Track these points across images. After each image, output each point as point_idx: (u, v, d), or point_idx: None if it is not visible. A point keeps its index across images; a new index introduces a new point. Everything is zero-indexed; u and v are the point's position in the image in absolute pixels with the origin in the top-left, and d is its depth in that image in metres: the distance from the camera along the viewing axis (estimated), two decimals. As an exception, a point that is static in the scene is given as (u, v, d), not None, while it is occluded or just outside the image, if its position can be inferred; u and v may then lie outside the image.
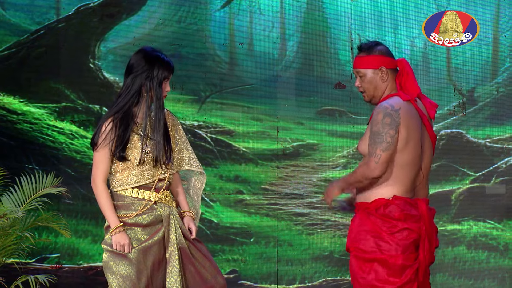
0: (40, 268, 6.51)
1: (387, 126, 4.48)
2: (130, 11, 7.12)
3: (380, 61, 4.60)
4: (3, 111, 6.53)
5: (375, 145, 4.48)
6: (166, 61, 4.40)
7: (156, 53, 4.41)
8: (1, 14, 6.49)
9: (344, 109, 8.03)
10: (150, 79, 4.36)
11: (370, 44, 4.63)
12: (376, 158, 4.47)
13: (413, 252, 4.53)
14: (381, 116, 4.49)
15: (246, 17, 7.68)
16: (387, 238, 4.49)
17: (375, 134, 4.49)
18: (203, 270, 4.40)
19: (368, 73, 4.59)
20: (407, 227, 4.50)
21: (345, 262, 7.94)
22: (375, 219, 4.51)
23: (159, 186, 4.41)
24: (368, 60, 4.59)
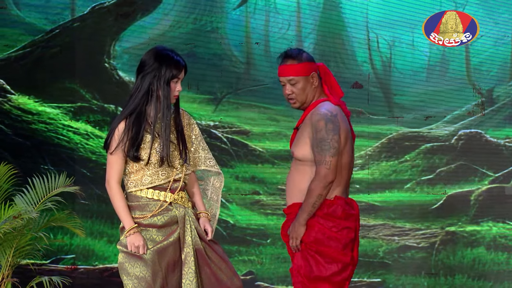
0: (55, 269, 6.51)
1: (331, 132, 4.63)
2: (145, 11, 7.12)
3: (311, 68, 4.75)
4: (18, 111, 6.53)
5: (323, 152, 4.63)
6: (175, 60, 4.37)
7: (166, 51, 4.39)
8: (16, 14, 6.50)
9: (362, 109, 8.00)
10: (158, 78, 4.33)
11: (297, 51, 4.78)
12: (327, 165, 4.62)
13: (349, 251, 4.73)
14: (323, 123, 4.64)
15: (262, 17, 7.66)
16: (332, 234, 4.67)
17: (321, 141, 4.63)
18: (219, 272, 4.38)
19: (301, 80, 4.72)
20: (347, 226, 4.71)
21: (362, 264, 7.91)
22: (319, 218, 4.67)
23: (175, 186, 4.39)
24: (300, 67, 4.71)
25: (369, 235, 7.96)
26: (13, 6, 6.46)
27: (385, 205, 8.04)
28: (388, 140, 8.10)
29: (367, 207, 7.98)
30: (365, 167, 8.02)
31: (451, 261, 8.12)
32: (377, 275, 7.98)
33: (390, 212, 8.05)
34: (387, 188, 8.07)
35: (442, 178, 8.17)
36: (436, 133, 8.20)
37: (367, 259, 7.92)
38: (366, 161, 8.05)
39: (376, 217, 8.01)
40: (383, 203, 8.04)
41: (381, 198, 8.03)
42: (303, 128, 4.75)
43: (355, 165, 7.87)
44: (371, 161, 8.05)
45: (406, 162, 8.14)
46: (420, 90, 8.15)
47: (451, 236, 8.13)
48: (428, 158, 8.14)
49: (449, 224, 8.16)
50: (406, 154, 8.15)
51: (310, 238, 4.67)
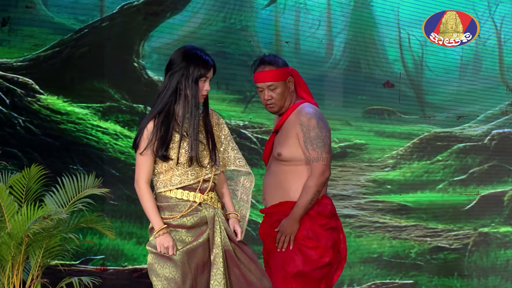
0: (84, 270, 6.52)
1: (324, 129, 4.79)
2: (175, 10, 7.11)
3: (287, 73, 4.88)
4: (47, 111, 6.54)
5: (319, 149, 4.76)
6: (203, 59, 4.35)
7: (194, 50, 4.37)
8: (44, 13, 6.51)
9: (393, 109, 8.01)
10: (186, 77, 4.32)
11: (273, 57, 4.91)
12: (324, 161, 4.76)
13: (335, 250, 4.86)
14: (315, 121, 4.78)
15: (292, 15, 7.65)
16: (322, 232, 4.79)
17: (316, 139, 4.77)
18: (248, 273, 4.36)
19: (280, 85, 4.85)
20: (334, 226, 4.86)
21: (394, 265, 7.90)
22: (310, 216, 4.79)
23: (204, 187, 4.37)
24: (278, 73, 4.83)
25: (401, 236, 7.96)
26: (42, 5, 6.48)
27: (417, 205, 8.03)
28: (420, 140, 8.10)
29: (399, 208, 7.99)
30: (397, 167, 8.01)
31: (484, 263, 8.10)
32: (409, 276, 7.97)
33: (422, 213, 8.05)
34: (419, 188, 8.06)
35: (475, 178, 8.16)
36: (469, 133, 8.18)
37: (399, 260, 7.93)
38: (398, 162, 8.04)
39: (408, 218, 8.01)
40: (415, 203, 8.04)
41: (413, 199, 8.03)
42: (287, 129, 4.86)
43: (386, 165, 8.01)
44: (403, 162, 8.04)
45: (438, 163, 8.14)
46: (452, 89, 8.16)
47: (484, 237, 8.13)
48: (461, 158, 8.14)
49: (482, 225, 8.15)
50: (438, 154, 8.15)
51: (302, 234, 4.76)
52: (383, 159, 8.00)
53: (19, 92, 6.42)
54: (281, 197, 4.83)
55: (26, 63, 6.46)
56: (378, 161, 7.98)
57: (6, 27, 6.35)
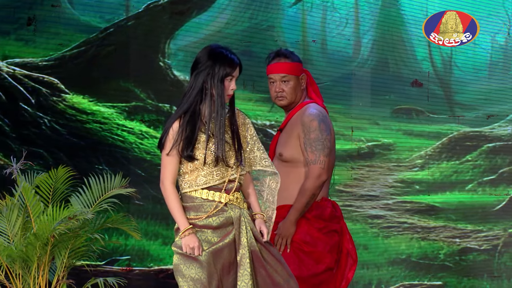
0: (110, 271, 6.53)
1: (324, 132, 4.77)
2: (200, 8, 7.11)
3: (301, 69, 4.91)
4: (72, 110, 6.55)
5: (317, 152, 4.75)
6: (229, 57, 4.33)
7: (220, 49, 4.35)
8: (70, 12, 6.52)
9: (421, 108, 7.99)
10: (211, 76, 4.30)
11: (289, 51, 4.93)
12: (321, 165, 4.74)
13: (334, 254, 4.83)
14: (317, 123, 4.77)
15: (319, 14, 7.63)
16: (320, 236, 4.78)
17: (315, 141, 4.76)
18: (275, 274, 4.32)
19: (293, 79, 4.87)
20: (334, 229, 4.83)
21: (423, 266, 7.88)
22: (308, 219, 4.79)
23: (230, 187, 4.35)
24: (293, 66, 4.86)
25: (429, 237, 7.95)
26: (67, 4, 6.49)
27: (445, 206, 8.01)
28: (449, 140, 8.09)
29: (427, 208, 7.97)
30: (425, 167, 8.00)
31: (515, 264, 8.03)
32: (438, 278, 7.96)
33: (451, 214, 8.03)
34: (448, 189, 8.04)
35: (505, 178, 8.13)
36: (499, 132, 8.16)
37: (427, 261, 7.92)
38: (426, 162, 8.03)
39: (436, 218, 7.99)
40: (443, 204, 8.02)
41: (441, 199, 8.02)
42: (290, 129, 4.86)
43: (414, 165, 8.01)
44: (431, 162, 8.03)
45: (467, 163, 8.13)
46: (481, 88, 8.15)
47: (514, 238, 8.08)
48: (490, 158, 8.12)
49: (512, 225, 8.08)
50: (467, 154, 8.13)
51: (299, 237, 4.76)
52: (411, 159, 8.00)
53: (44, 92, 6.43)
54: (280, 199, 4.77)
55: (51, 62, 6.47)
56: (406, 161, 7.99)
57: (31, 26, 6.37)
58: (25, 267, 5.43)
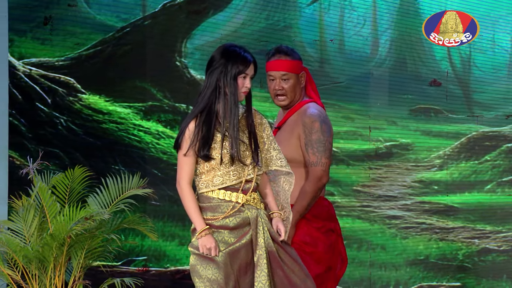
0: (126, 271, 6.53)
1: (326, 133, 4.76)
2: (217, 8, 7.10)
3: (302, 67, 4.85)
4: (88, 110, 6.55)
5: (319, 154, 4.73)
6: (242, 55, 4.32)
7: (233, 48, 4.34)
8: (86, 11, 6.52)
9: (440, 108, 7.97)
10: (224, 74, 4.29)
11: (290, 49, 4.87)
12: (323, 167, 4.73)
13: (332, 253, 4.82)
14: (318, 124, 4.75)
15: (337, 13, 7.61)
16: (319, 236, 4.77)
17: (317, 142, 4.74)
18: (292, 275, 4.30)
19: (293, 77, 4.80)
20: (331, 228, 4.86)
21: (441, 267, 7.86)
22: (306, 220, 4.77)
23: (247, 187, 4.33)
24: (293, 64, 4.80)
25: (448, 237, 7.93)
26: (83, 4, 6.49)
27: (464, 206, 7.99)
28: (468, 140, 8.07)
29: (446, 209, 7.95)
30: (444, 167, 7.97)
31: (534, 265, 8.01)
32: (456, 279, 7.94)
33: (470, 214, 8.01)
34: (467, 189, 8.02)
35: (525, 179, 8.08)
36: (518, 132, 8.12)
37: (446, 262, 7.90)
38: (445, 162, 8.01)
39: (455, 219, 7.97)
40: (462, 204, 8.00)
41: (460, 200, 8.00)
42: (290, 128, 4.82)
43: (433, 165, 7.99)
44: (450, 162, 8.01)
45: (486, 163, 8.10)
46: (501, 88, 8.15)
47: (533, 239, 8.05)
48: (510, 158, 8.10)
49: (532, 226, 8.08)
50: (486, 154, 8.11)
51: (298, 239, 4.74)
52: (429, 159, 7.98)
53: (60, 92, 6.43)
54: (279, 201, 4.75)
55: (67, 62, 6.47)
56: (425, 161, 7.96)
57: (48, 26, 6.37)
58: (42, 268, 5.44)
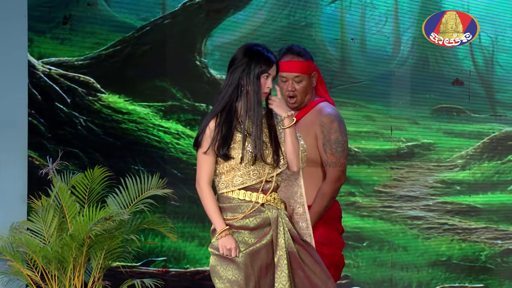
0: (146, 272, 6.53)
1: (343, 134, 4.74)
2: (237, 6, 7.09)
3: (313, 67, 4.80)
4: (108, 110, 6.55)
5: (338, 154, 4.71)
6: (265, 55, 4.30)
7: (257, 47, 4.33)
8: (106, 10, 6.52)
9: (462, 107, 7.98)
10: (247, 73, 4.28)
11: (302, 49, 4.82)
12: (341, 167, 4.73)
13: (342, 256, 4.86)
14: (337, 124, 4.72)
15: (358, 11, 7.60)
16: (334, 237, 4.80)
17: (336, 143, 4.71)
18: (313, 276, 4.27)
19: (305, 78, 4.76)
20: (341, 230, 4.88)
21: (463, 268, 7.86)
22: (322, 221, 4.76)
23: (267, 187, 4.30)
24: (306, 65, 4.76)
25: (470, 238, 7.92)
26: (103, 3, 6.49)
27: (487, 207, 7.98)
28: (490, 140, 8.07)
29: (468, 210, 7.94)
30: (466, 167, 7.97)
31: (558, 266, 7.99)
32: (479, 280, 7.93)
33: (493, 215, 7.99)
34: (489, 189, 8.01)
35: (548, 179, 8.07)
36: (541, 131, 8.11)
37: (468, 263, 7.90)
38: (467, 162, 8.01)
39: (477, 219, 7.96)
40: (485, 205, 7.98)
41: (483, 200, 7.99)
42: (306, 128, 4.76)
43: (455, 165, 7.99)
44: (472, 162, 8.01)
45: (509, 163, 8.11)
46: None
47: (557, 239, 8.03)
48: None
49: (555, 227, 8.04)
50: (509, 154, 8.12)
51: (317, 240, 4.67)
52: (452, 159, 7.97)
53: (80, 91, 6.43)
54: None
55: (87, 61, 6.47)
56: (447, 161, 7.95)
57: (67, 25, 6.37)
58: (61, 268, 5.44)
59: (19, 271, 5.52)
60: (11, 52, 5.79)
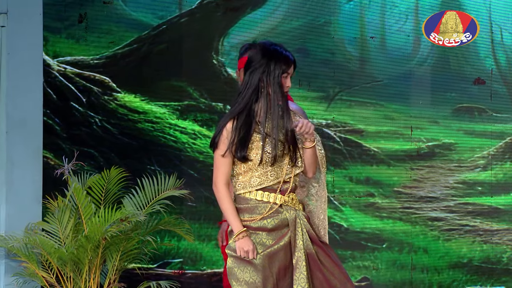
0: (162, 274, 6.53)
1: None
2: (255, 4, 7.08)
3: None
4: (124, 110, 6.54)
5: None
6: (284, 54, 4.29)
7: (274, 46, 4.31)
8: (122, 9, 6.51)
9: (484, 107, 7.98)
10: (267, 74, 4.26)
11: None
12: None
13: None
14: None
15: (378, 10, 7.58)
16: None
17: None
18: (331, 278, 4.25)
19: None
20: None
21: (485, 270, 7.85)
22: None
23: (285, 188, 4.28)
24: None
25: (492, 240, 7.92)
26: (119, 1, 6.49)
27: (509, 208, 7.99)
28: None
29: (490, 211, 7.93)
30: (488, 168, 7.97)
31: None
32: (501, 282, 7.92)
33: None
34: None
35: None
36: None
37: (490, 265, 7.89)
38: (489, 162, 8.00)
39: (499, 221, 7.95)
40: (507, 206, 7.99)
41: (505, 201, 7.99)
42: None
43: (476, 165, 8.01)
44: (494, 162, 8.01)
45: None
46: None
47: None
48: None
49: None
50: None
51: None
52: (473, 160, 7.97)
53: (95, 91, 6.42)
54: None
55: (103, 60, 6.47)
56: (468, 161, 7.95)
57: (82, 23, 6.35)
58: (76, 270, 5.43)
59: (34, 273, 5.51)
60: (26, 51, 5.79)
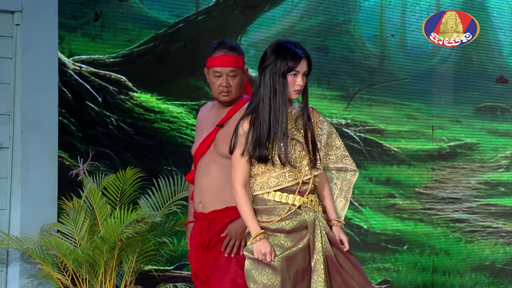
0: (179, 276, 6.52)
1: None
2: (273, 2, 7.04)
3: (244, 62, 4.72)
4: (140, 109, 6.52)
5: None
6: (292, 51, 4.22)
7: (285, 43, 4.26)
8: (138, 7, 6.50)
9: (507, 106, 7.98)
10: (274, 72, 4.23)
11: (234, 43, 4.72)
12: None
13: None
14: None
15: (398, 7, 7.54)
16: None
17: None
18: (351, 281, 4.22)
19: (239, 73, 4.67)
20: None
21: (508, 273, 7.83)
22: None
23: (304, 189, 4.23)
24: (241, 60, 4.69)
25: None
26: (135, -1, 6.47)
27: None
28: None
29: None
30: (511, 168, 7.97)
31: None
32: None
33: None
34: None
35: None
36: None
37: (507, 267, 7.92)
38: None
39: None
40: None
41: None
42: (235, 124, 4.56)
43: (499, 165, 8.01)
44: None
45: None
46: None
47: None
48: None
49: None
50: None
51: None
52: (496, 160, 7.95)
53: (111, 90, 6.40)
54: (226, 201, 4.55)
55: (118, 59, 6.46)
56: (491, 161, 7.93)
57: (98, 22, 6.34)
58: (92, 272, 5.41)
59: (49, 275, 5.50)
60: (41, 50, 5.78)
